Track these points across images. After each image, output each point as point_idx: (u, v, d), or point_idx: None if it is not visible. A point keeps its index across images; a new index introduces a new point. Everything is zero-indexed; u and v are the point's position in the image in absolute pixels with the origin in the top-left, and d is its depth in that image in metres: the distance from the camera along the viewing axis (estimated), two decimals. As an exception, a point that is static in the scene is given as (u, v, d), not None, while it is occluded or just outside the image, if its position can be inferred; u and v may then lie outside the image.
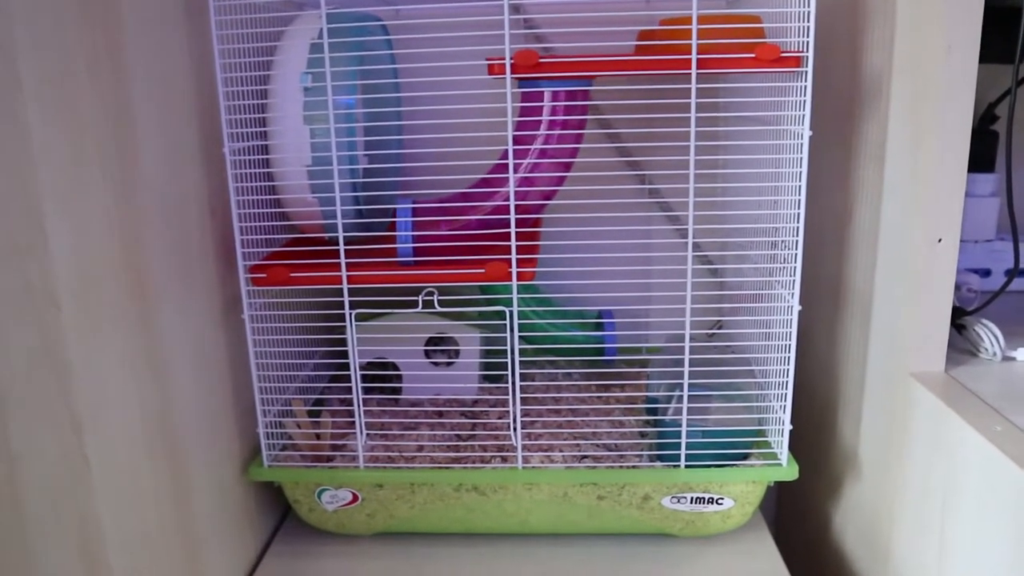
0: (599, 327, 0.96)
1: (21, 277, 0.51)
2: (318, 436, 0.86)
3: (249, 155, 0.78)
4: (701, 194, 0.75)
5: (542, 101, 0.77)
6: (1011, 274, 0.79)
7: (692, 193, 0.74)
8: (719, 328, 1.07)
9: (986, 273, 0.99)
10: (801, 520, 1.08)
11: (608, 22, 0.76)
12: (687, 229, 0.76)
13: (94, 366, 0.59)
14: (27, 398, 0.52)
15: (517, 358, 0.80)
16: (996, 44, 0.78)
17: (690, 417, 0.80)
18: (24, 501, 0.51)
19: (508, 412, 0.86)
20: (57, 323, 0.55)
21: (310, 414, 0.87)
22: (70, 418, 0.56)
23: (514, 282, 0.77)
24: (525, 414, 0.92)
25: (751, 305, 0.91)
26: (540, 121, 0.77)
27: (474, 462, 0.84)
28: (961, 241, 0.97)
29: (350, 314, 0.79)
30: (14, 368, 0.51)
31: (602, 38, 0.80)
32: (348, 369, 0.81)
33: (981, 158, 0.97)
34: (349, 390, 0.82)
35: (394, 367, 0.97)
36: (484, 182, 0.80)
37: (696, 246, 1.07)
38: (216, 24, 0.73)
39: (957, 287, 0.88)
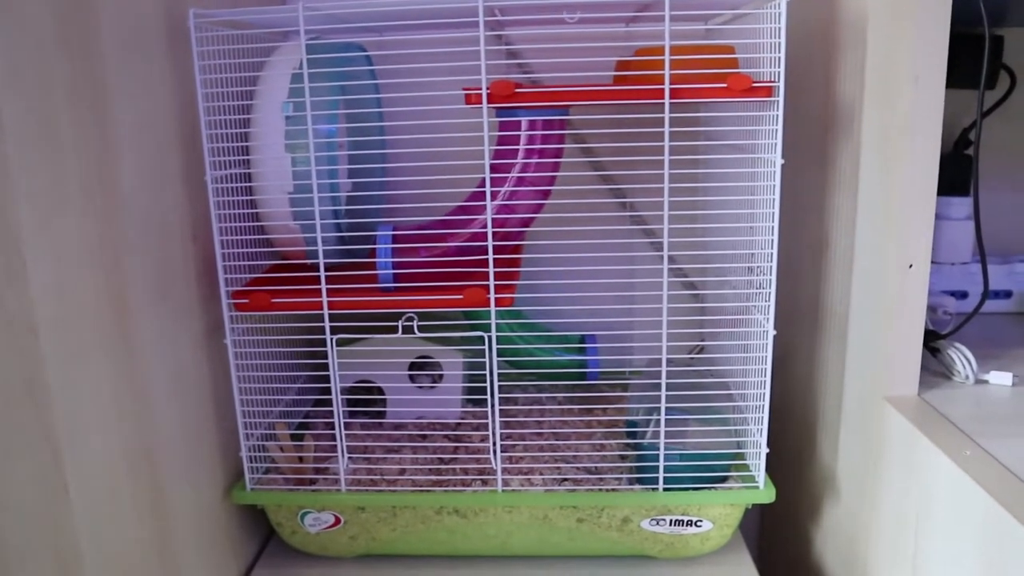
0: (582, 351, 0.97)
1: (-1, 305, 0.52)
2: (301, 459, 0.87)
3: (231, 182, 0.79)
4: (679, 220, 0.77)
5: (519, 130, 0.78)
6: (982, 297, 0.80)
7: (667, 220, 0.75)
8: (699, 352, 1.08)
9: (963, 295, 1.00)
10: (784, 541, 1.08)
11: (587, 52, 0.78)
12: (664, 254, 0.77)
13: (73, 393, 0.59)
14: (4, 425, 0.52)
15: (496, 383, 0.81)
16: (971, 70, 0.80)
17: (668, 440, 0.81)
18: (2, 528, 0.52)
19: (489, 435, 0.87)
20: (35, 350, 0.55)
21: (293, 437, 0.88)
22: (49, 445, 0.57)
23: (492, 308, 0.78)
24: (507, 437, 0.93)
25: (729, 330, 0.92)
26: (517, 149, 0.78)
27: (455, 485, 0.85)
28: (937, 263, 0.99)
29: (331, 339, 0.80)
30: (-8, 397, 0.51)
31: (582, 66, 0.81)
32: (331, 393, 0.82)
33: (956, 182, 0.99)
34: (332, 413, 0.83)
35: (379, 390, 0.98)
36: (463, 209, 0.81)
37: (678, 271, 1.08)
38: (198, 54, 0.75)
39: (932, 310, 0.90)
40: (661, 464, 0.81)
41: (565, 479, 0.85)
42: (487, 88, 0.73)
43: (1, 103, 0.53)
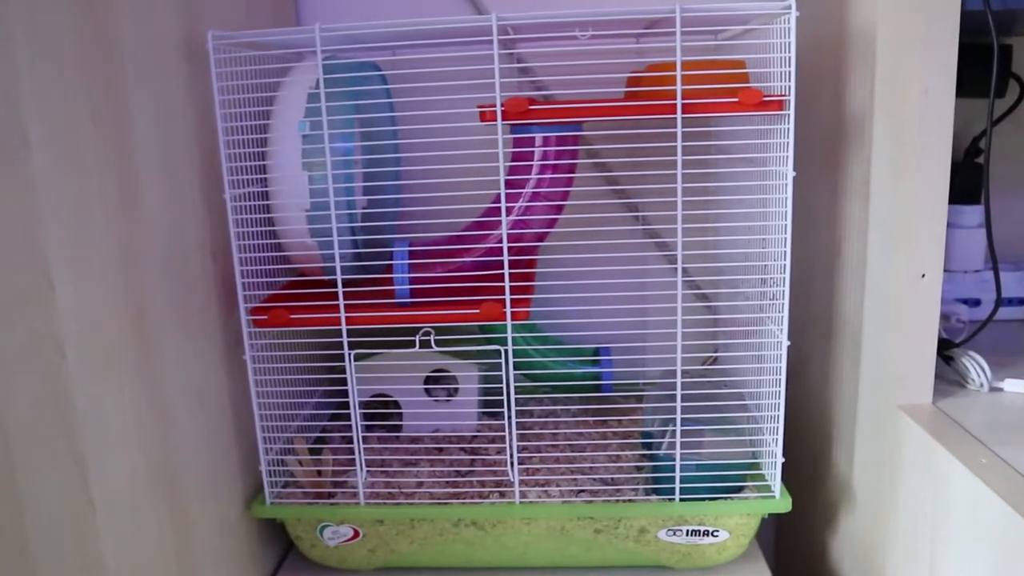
0: (596, 362, 0.98)
1: (27, 325, 0.53)
2: (319, 473, 0.88)
3: (249, 200, 0.81)
4: (692, 233, 0.77)
5: (533, 146, 0.79)
6: (995, 305, 0.81)
7: (680, 233, 0.76)
8: (713, 362, 1.08)
9: (976, 303, 1.00)
10: (799, 549, 1.08)
11: (599, 69, 0.79)
12: (679, 266, 0.78)
13: (99, 410, 0.60)
14: (33, 443, 0.53)
15: (513, 396, 0.82)
16: (980, 80, 0.80)
17: (684, 451, 0.81)
18: (30, 543, 0.53)
19: (506, 448, 0.88)
20: (62, 369, 0.56)
21: (311, 451, 0.89)
22: (75, 461, 0.58)
23: (508, 322, 0.79)
24: (523, 449, 0.93)
25: (743, 341, 0.92)
26: (532, 165, 0.79)
27: (473, 497, 0.86)
28: (950, 271, 0.99)
29: (349, 354, 0.81)
30: (20, 414, 0.52)
31: (594, 82, 0.82)
32: (348, 407, 0.83)
33: (967, 190, 0.99)
34: (350, 427, 0.84)
35: (395, 404, 0.98)
36: (478, 224, 0.82)
37: (691, 283, 1.09)
38: (216, 75, 0.76)
39: (946, 318, 0.90)
40: (677, 474, 0.82)
41: (582, 490, 0.86)
42: (501, 105, 0.74)
43: (27, 125, 0.54)
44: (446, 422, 0.98)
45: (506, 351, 0.80)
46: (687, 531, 0.84)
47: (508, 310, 0.78)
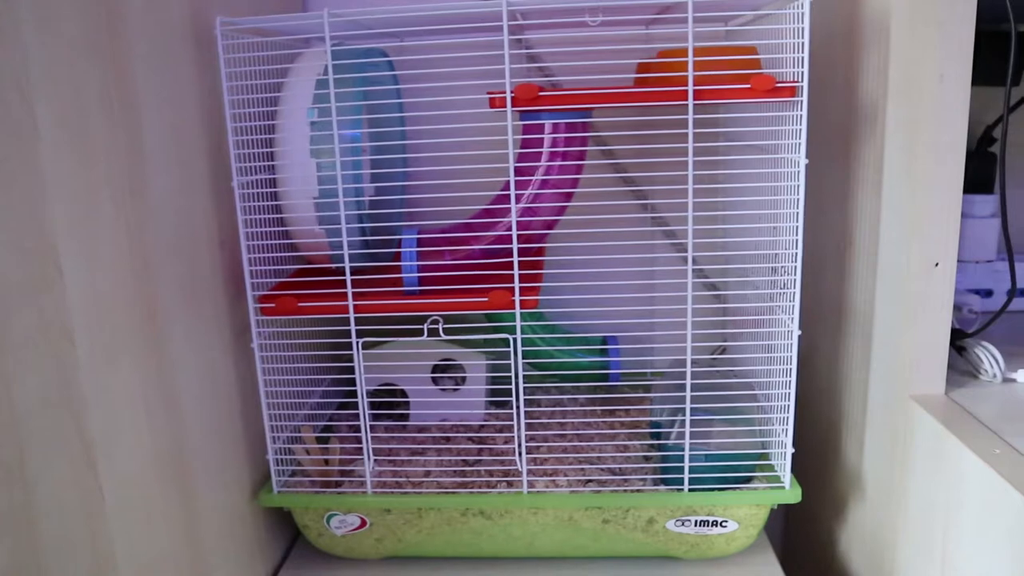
0: (604, 352, 0.97)
1: (36, 313, 0.53)
2: (327, 462, 0.88)
3: (257, 188, 0.80)
4: (702, 221, 0.77)
5: (543, 132, 0.79)
6: (1009, 295, 0.80)
7: (691, 221, 0.75)
8: (722, 352, 1.08)
9: (988, 293, 0.99)
10: (808, 541, 1.08)
11: (609, 57, 0.78)
12: (688, 255, 0.77)
13: (107, 398, 0.60)
14: (42, 430, 0.53)
15: (521, 385, 0.81)
16: (995, 67, 0.79)
17: (693, 441, 0.81)
18: (39, 530, 0.53)
19: (514, 437, 0.88)
20: (71, 357, 0.56)
21: (319, 440, 0.89)
22: (84, 449, 0.57)
23: (517, 310, 0.78)
24: (531, 439, 0.93)
25: (753, 330, 0.92)
26: (541, 152, 0.79)
27: (480, 487, 0.85)
28: (962, 262, 0.98)
29: (357, 342, 0.81)
30: (30, 401, 0.52)
31: (603, 69, 0.82)
32: (356, 396, 0.83)
33: (980, 180, 0.98)
34: (357, 416, 0.83)
35: (402, 393, 0.98)
36: (487, 212, 0.81)
37: (699, 272, 1.08)
38: (224, 61, 0.75)
39: (958, 308, 0.89)
40: (686, 464, 0.81)
41: (590, 480, 0.86)
42: (511, 91, 0.73)
43: (36, 111, 0.53)
44: (453, 411, 0.98)
45: (514, 340, 0.80)
46: (696, 521, 0.84)
47: (517, 298, 0.78)
